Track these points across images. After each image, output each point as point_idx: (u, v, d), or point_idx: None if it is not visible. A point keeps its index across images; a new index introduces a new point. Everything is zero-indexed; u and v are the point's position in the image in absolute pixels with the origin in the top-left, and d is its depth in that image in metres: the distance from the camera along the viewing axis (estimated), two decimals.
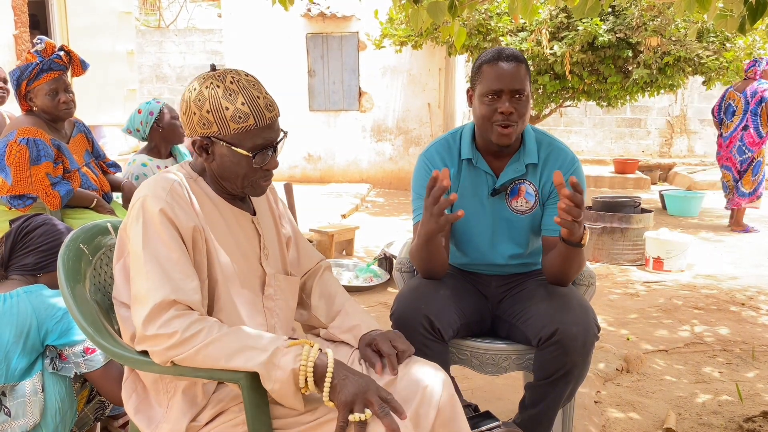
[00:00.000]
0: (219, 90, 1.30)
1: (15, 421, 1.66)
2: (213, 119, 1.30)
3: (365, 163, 9.21)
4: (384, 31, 7.10)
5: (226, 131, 1.30)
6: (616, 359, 2.95)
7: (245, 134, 1.31)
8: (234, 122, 1.30)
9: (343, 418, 1.19)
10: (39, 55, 2.68)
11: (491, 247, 1.96)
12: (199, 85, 1.32)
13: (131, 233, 1.30)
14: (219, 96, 1.29)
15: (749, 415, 2.40)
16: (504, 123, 1.78)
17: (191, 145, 1.38)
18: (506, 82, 1.76)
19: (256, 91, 1.32)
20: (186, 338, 1.22)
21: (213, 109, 1.29)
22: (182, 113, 1.36)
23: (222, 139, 1.32)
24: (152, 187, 1.32)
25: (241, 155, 1.32)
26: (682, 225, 6.52)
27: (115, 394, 1.71)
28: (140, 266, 1.27)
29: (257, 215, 1.49)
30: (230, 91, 1.30)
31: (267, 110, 1.33)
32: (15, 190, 2.64)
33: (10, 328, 1.67)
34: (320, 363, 1.23)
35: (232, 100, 1.29)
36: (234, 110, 1.29)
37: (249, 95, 1.31)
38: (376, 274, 4.22)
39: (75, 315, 1.34)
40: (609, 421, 2.40)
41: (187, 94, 1.34)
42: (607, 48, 6.10)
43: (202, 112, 1.30)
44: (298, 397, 1.23)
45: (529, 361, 1.85)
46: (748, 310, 3.79)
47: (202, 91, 1.31)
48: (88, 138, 3.01)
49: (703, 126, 11.34)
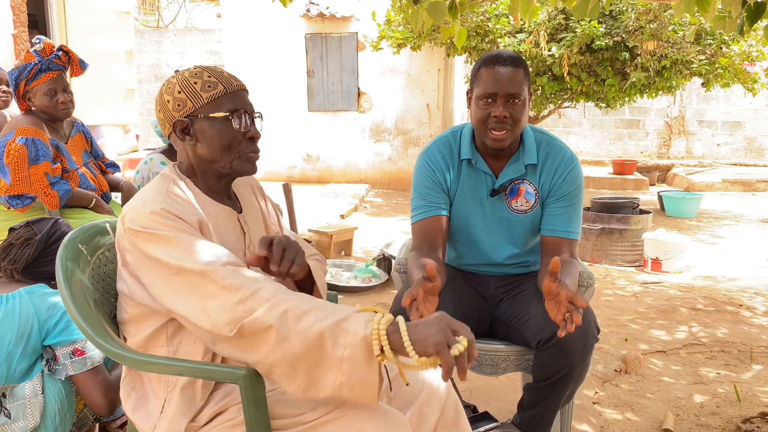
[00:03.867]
0: (186, 74, 1.40)
1: (15, 423, 1.66)
2: (185, 96, 1.37)
3: (364, 163, 9.21)
4: (382, 33, 7.10)
5: (200, 102, 1.36)
6: (615, 360, 2.96)
7: (218, 100, 1.37)
8: (205, 91, 1.36)
9: (447, 358, 1.08)
10: (38, 55, 2.68)
11: (490, 247, 1.97)
12: (167, 81, 1.42)
13: (151, 252, 1.24)
14: (186, 76, 1.39)
15: (747, 415, 2.41)
16: (498, 127, 1.78)
17: (173, 133, 1.41)
18: (501, 86, 1.76)
19: (218, 69, 1.42)
20: (253, 291, 1.17)
21: (183, 87, 1.37)
22: (158, 111, 1.42)
23: (199, 112, 1.36)
24: (151, 195, 1.31)
25: (219, 121, 1.36)
26: (681, 226, 6.53)
27: (95, 401, 1.71)
28: (176, 281, 1.22)
29: (243, 213, 1.50)
30: (195, 72, 1.40)
31: (233, 79, 1.41)
32: (13, 190, 2.63)
33: (12, 329, 1.67)
34: (393, 329, 1.11)
35: (199, 76, 1.38)
36: (202, 82, 1.37)
37: (213, 70, 1.40)
38: (375, 274, 4.22)
39: (74, 315, 1.34)
40: (607, 422, 2.40)
41: (158, 93, 1.43)
42: (605, 51, 6.11)
43: (174, 94, 1.37)
44: (373, 366, 1.11)
45: (527, 362, 1.85)
46: (746, 312, 3.79)
47: (170, 81, 1.41)
48: (86, 138, 3.01)
49: (701, 127, 11.36)
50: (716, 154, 11.32)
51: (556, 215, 1.89)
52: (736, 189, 9.44)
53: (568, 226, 1.88)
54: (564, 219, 1.88)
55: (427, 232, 1.89)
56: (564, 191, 1.89)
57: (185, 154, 1.42)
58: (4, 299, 1.71)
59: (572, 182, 1.88)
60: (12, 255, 1.83)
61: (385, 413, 1.22)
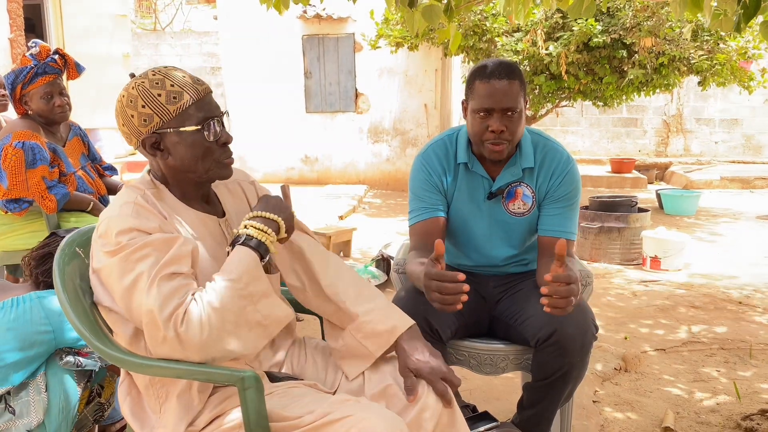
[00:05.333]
0: (145, 83, 1.32)
1: (19, 419, 1.68)
2: (151, 111, 1.30)
3: (362, 164, 9.20)
4: (380, 32, 7.10)
5: (168, 116, 1.31)
6: (614, 359, 2.96)
7: (185, 112, 1.32)
8: (171, 104, 1.30)
9: None
10: (34, 58, 2.68)
11: (488, 248, 1.97)
12: (125, 91, 1.34)
13: (107, 271, 1.27)
14: (147, 87, 1.31)
15: (747, 413, 2.41)
16: (495, 141, 1.79)
17: (142, 148, 1.36)
18: (497, 101, 1.76)
19: (180, 73, 1.35)
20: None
21: (147, 101, 1.30)
22: (121, 125, 1.35)
23: (167, 126, 1.31)
24: (117, 212, 1.30)
25: (190, 133, 1.32)
26: (679, 224, 6.54)
27: None
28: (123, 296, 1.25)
29: (228, 216, 1.47)
30: (156, 81, 1.31)
31: (197, 84, 1.34)
32: (11, 194, 2.63)
33: (23, 332, 1.68)
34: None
35: (161, 86, 1.31)
36: (166, 93, 1.30)
37: (174, 77, 1.33)
38: (374, 275, 4.22)
39: (71, 318, 1.34)
40: (607, 421, 2.40)
41: (118, 104, 1.35)
42: (602, 48, 6.11)
43: (138, 109, 1.31)
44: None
45: (527, 362, 1.85)
46: (746, 309, 3.79)
47: (130, 93, 1.32)
48: (84, 141, 3.00)
49: (699, 125, 11.37)
50: (714, 151, 11.33)
51: (553, 216, 1.89)
52: (734, 186, 9.45)
53: (565, 226, 1.88)
54: (561, 219, 1.89)
55: (425, 234, 1.89)
56: (561, 193, 1.89)
57: (156, 165, 1.39)
58: (14, 302, 1.71)
59: (569, 184, 1.89)
60: (48, 266, 1.81)
61: (384, 416, 1.22)
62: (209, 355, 1.24)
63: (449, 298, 1.47)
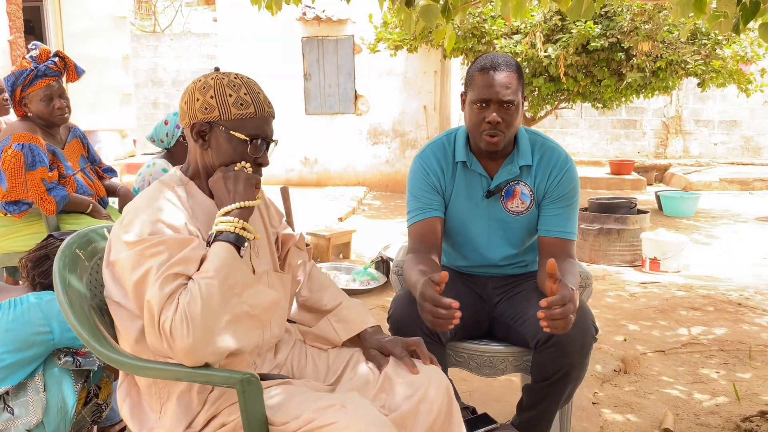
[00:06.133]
0: (224, 81, 1.37)
1: (18, 419, 1.69)
2: (216, 104, 1.35)
3: (362, 166, 9.21)
4: (378, 35, 7.12)
5: (227, 116, 1.36)
6: (614, 360, 2.96)
7: (244, 121, 1.36)
8: (236, 108, 1.36)
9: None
10: (34, 61, 2.68)
11: (487, 248, 1.97)
12: (205, 77, 1.39)
13: (121, 264, 1.30)
14: (224, 84, 1.36)
15: (747, 414, 2.41)
16: (491, 132, 1.80)
17: (189, 130, 1.40)
18: (494, 93, 1.77)
19: (257, 88, 1.41)
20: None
21: (217, 94, 1.35)
22: (184, 102, 1.40)
23: (222, 124, 1.36)
24: (145, 203, 1.33)
25: (238, 140, 1.36)
26: (678, 225, 6.54)
27: None
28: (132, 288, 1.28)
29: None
30: (234, 84, 1.37)
31: (267, 105, 1.41)
32: (10, 196, 2.63)
33: (21, 333, 1.68)
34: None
35: (236, 90, 1.37)
36: (237, 97, 1.36)
37: (251, 89, 1.39)
38: (374, 277, 4.22)
39: (71, 320, 1.34)
40: (607, 423, 2.40)
41: (191, 85, 1.40)
42: (601, 51, 6.13)
43: (206, 97, 1.36)
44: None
45: (526, 363, 1.85)
46: (745, 310, 3.80)
47: (207, 81, 1.38)
48: (83, 143, 3.01)
49: (698, 127, 11.39)
50: (713, 153, 11.35)
51: (553, 216, 1.90)
52: (733, 188, 9.46)
53: (564, 226, 1.89)
54: (560, 219, 1.89)
55: (424, 234, 1.89)
56: (560, 193, 1.89)
57: (193, 155, 1.43)
58: (12, 303, 1.72)
59: (568, 183, 1.89)
60: (45, 268, 1.82)
61: (370, 421, 1.21)
62: (201, 359, 1.24)
63: (441, 321, 1.50)
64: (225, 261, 1.27)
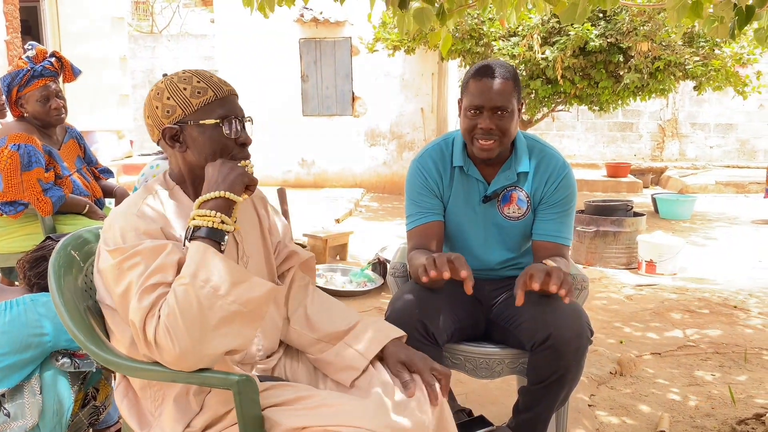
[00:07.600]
0: (174, 79, 1.37)
1: (14, 421, 1.68)
2: (175, 102, 1.34)
3: (359, 167, 9.21)
4: (377, 35, 7.12)
5: (190, 109, 1.34)
6: (610, 363, 2.96)
7: (208, 107, 1.35)
8: (194, 98, 1.34)
9: None
10: (30, 61, 2.68)
11: (484, 252, 1.97)
12: (155, 86, 1.39)
13: (106, 274, 1.28)
14: (175, 82, 1.36)
15: (742, 417, 2.41)
16: (484, 138, 1.80)
17: (162, 140, 1.38)
18: (488, 99, 1.78)
19: (208, 73, 1.40)
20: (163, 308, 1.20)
21: (172, 93, 1.35)
22: (146, 116, 1.39)
23: (188, 119, 1.35)
24: (123, 210, 1.32)
25: (210, 128, 1.34)
26: (674, 228, 6.56)
27: None
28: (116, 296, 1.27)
29: (236, 223, 1.45)
30: (184, 77, 1.37)
31: (224, 84, 1.39)
32: (6, 197, 2.62)
33: (17, 335, 1.68)
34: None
35: (188, 82, 1.36)
36: (191, 88, 1.35)
37: (202, 75, 1.38)
38: (370, 278, 4.22)
39: (66, 321, 1.33)
40: (603, 425, 2.41)
41: (147, 99, 1.40)
42: (598, 53, 6.14)
43: (163, 101, 1.35)
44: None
45: (522, 366, 1.86)
46: (740, 313, 3.81)
47: (158, 86, 1.38)
48: (80, 144, 3.00)
49: (694, 130, 11.43)
50: (709, 156, 11.38)
51: (548, 220, 1.90)
52: (729, 191, 9.49)
53: (559, 231, 1.90)
54: (556, 224, 1.90)
55: (423, 238, 1.90)
56: (556, 198, 1.90)
57: (175, 161, 1.41)
58: (8, 305, 1.71)
59: (564, 190, 1.90)
60: (41, 269, 1.82)
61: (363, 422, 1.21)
62: (194, 365, 1.21)
63: (443, 269, 1.53)
64: (201, 263, 1.20)
